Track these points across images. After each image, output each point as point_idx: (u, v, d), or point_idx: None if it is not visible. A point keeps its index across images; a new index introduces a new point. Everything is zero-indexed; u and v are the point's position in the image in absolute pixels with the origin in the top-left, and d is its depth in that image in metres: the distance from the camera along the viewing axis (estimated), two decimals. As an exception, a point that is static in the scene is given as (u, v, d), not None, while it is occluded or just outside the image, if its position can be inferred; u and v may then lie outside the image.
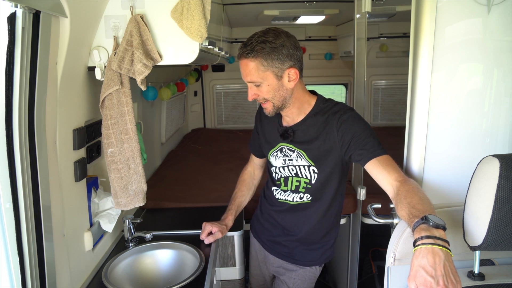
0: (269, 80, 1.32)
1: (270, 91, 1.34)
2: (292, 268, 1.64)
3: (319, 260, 1.61)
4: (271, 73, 1.31)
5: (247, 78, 1.33)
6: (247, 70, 1.31)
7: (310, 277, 1.64)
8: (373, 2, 1.96)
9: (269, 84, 1.33)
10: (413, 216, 1.00)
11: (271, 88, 1.33)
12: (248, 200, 1.79)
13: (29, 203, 1.02)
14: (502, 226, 1.02)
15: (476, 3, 1.26)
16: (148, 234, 1.64)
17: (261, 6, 2.86)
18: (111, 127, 1.39)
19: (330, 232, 1.59)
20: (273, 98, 1.36)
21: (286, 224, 1.59)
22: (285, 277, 1.67)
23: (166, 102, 3.04)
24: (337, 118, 1.38)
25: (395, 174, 1.21)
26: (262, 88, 1.34)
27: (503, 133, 1.35)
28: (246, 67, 1.31)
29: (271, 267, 1.72)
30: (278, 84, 1.33)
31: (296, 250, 1.60)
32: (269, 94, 1.34)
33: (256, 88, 1.34)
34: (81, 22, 1.24)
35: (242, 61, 1.32)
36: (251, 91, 1.36)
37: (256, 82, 1.32)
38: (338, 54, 4.07)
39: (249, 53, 1.29)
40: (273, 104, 1.37)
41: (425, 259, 0.87)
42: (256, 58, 1.29)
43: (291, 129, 1.47)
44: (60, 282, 1.19)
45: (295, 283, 1.64)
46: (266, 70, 1.30)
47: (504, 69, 1.31)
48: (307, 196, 1.50)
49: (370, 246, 2.91)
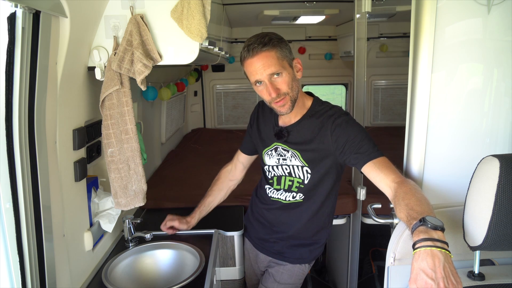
0: (288, 68, 1.34)
1: (290, 81, 1.34)
2: (282, 263, 1.65)
3: (308, 258, 1.63)
4: (287, 62, 1.34)
5: (268, 69, 1.30)
6: (268, 61, 1.30)
7: (298, 273, 1.65)
8: (373, 2, 1.96)
9: (289, 73, 1.34)
10: (411, 218, 1.00)
11: (290, 78, 1.35)
12: (219, 200, 1.78)
13: (29, 203, 1.02)
14: (502, 226, 1.02)
15: (476, 3, 1.26)
16: (148, 234, 1.64)
17: (261, 6, 2.86)
18: (111, 127, 1.39)
19: (321, 231, 1.60)
20: (292, 89, 1.35)
21: (275, 221, 1.60)
22: (273, 270, 1.67)
23: (166, 102, 3.04)
24: (331, 122, 1.38)
25: (392, 176, 1.21)
26: (283, 79, 1.33)
27: (503, 133, 1.35)
28: (266, 59, 1.30)
29: (262, 265, 1.74)
30: (293, 73, 1.36)
31: (285, 247, 1.61)
32: (289, 84, 1.34)
33: (276, 81, 1.33)
34: (81, 22, 1.24)
35: (259, 55, 1.30)
36: (272, 86, 1.32)
37: (278, 71, 1.31)
38: (338, 54, 4.08)
39: (265, 45, 1.30)
40: (290, 98, 1.36)
41: (425, 261, 0.87)
42: (273, 47, 1.31)
43: (286, 130, 1.47)
44: (60, 282, 1.19)
45: (282, 277, 1.65)
46: (284, 58, 1.33)
47: (504, 69, 1.31)
48: (300, 196, 1.51)
49: (370, 246, 2.91)
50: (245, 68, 1.37)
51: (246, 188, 2.26)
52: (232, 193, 2.12)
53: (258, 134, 1.60)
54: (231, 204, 2.12)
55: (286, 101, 1.36)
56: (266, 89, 1.34)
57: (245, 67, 1.36)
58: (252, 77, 1.35)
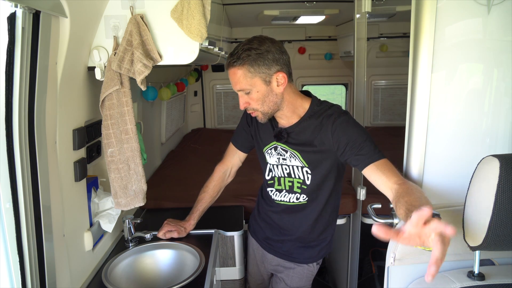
0: (258, 86, 1.32)
1: (260, 98, 1.34)
2: (290, 266, 1.65)
3: (317, 257, 1.63)
4: (259, 79, 1.31)
5: (236, 86, 1.34)
6: (236, 79, 1.32)
7: (307, 275, 1.66)
8: (373, 2, 1.96)
9: (258, 91, 1.33)
10: (409, 212, 1.00)
11: (261, 95, 1.34)
12: (211, 203, 1.75)
13: (29, 203, 1.02)
14: (502, 226, 1.02)
15: (476, 3, 1.26)
16: (148, 234, 1.64)
17: (261, 6, 2.86)
18: (111, 127, 1.39)
19: (327, 230, 1.60)
20: (262, 106, 1.36)
21: (283, 224, 1.60)
22: (283, 274, 1.68)
23: (166, 102, 3.04)
24: (331, 122, 1.38)
25: (394, 178, 1.21)
26: (252, 95, 1.34)
27: (503, 133, 1.35)
28: (234, 76, 1.32)
29: (269, 266, 1.73)
30: (267, 89, 1.34)
31: (293, 248, 1.61)
32: (258, 101, 1.35)
33: (246, 96, 1.35)
34: (81, 22, 1.24)
35: (230, 70, 1.33)
36: (242, 99, 1.37)
37: (246, 89, 1.33)
38: (338, 54, 4.07)
39: (235, 62, 1.30)
40: (262, 112, 1.38)
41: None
42: (243, 65, 1.29)
43: (285, 131, 1.47)
44: (60, 282, 1.19)
45: (293, 280, 1.66)
46: (254, 76, 1.31)
47: (504, 69, 1.31)
48: (304, 197, 1.51)
49: (370, 246, 2.90)
50: None
51: (246, 188, 2.27)
52: (232, 193, 2.13)
53: (258, 133, 1.59)
54: (231, 204, 2.13)
55: (256, 114, 1.40)
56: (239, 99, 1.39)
57: None
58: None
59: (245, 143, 1.70)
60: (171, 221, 1.72)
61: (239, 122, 1.71)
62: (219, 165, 1.75)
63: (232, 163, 1.74)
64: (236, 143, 1.73)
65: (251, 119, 1.63)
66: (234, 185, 1.84)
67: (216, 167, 1.75)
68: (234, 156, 1.73)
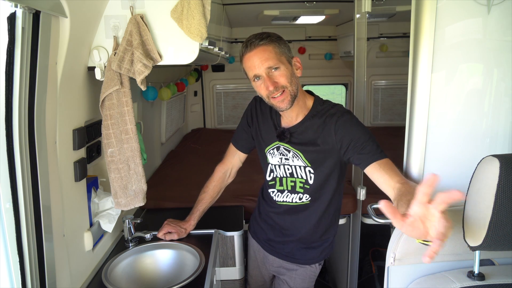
0: (285, 63, 1.34)
1: (288, 75, 1.34)
2: (293, 268, 1.64)
3: (319, 257, 1.62)
4: (285, 58, 1.35)
5: (266, 63, 1.31)
6: (266, 55, 1.31)
7: (310, 276, 1.65)
8: (373, 2, 1.96)
9: (286, 68, 1.34)
10: None
11: (289, 72, 1.34)
12: (213, 202, 1.75)
13: (29, 203, 1.02)
14: (502, 226, 1.02)
15: (476, 3, 1.26)
16: (148, 234, 1.64)
17: (261, 6, 2.86)
18: (111, 127, 1.39)
19: (329, 230, 1.59)
20: (291, 84, 1.34)
21: (285, 225, 1.59)
22: (285, 276, 1.67)
23: (166, 102, 3.04)
24: (334, 121, 1.37)
25: (396, 178, 1.21)
26: (280, 72, 1.33)
27: (503, 133, 1.35)
28: (264, 52, 1.31)
29: (270, 267, 1.72)
30: (291, 70, 1.36)
31: (296, 249, 1.60)
32: (288, 78, 1.34)
33: (274, 74, 1.33)
34: (81, 22, 1.24)
35: (257, 49, 1.32)
36: (270, 79, 1.32)
37: (276, 65, 1.32)
38: (338, 54, 4.07)
39: (262, 40, 1.32)
40: (290, 92, 1.34)
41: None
42: (271, 42, 1.33)
43: (288, 131, 1.46)
44: (60, 282, 1.19)
45: (296, 282, 1.65)
46: (282, 54, 1.34)
47: (504, 69, 1.31)
48: (306, 197, 1.50)
49: (370, 246, 2.91)
50: (243, 64, 1.37)
51: (246, 188, 2.27)
52: (232, 193, 2.13)
53: (259, 133, 1.59)
54: (231, 204, 2.13)
55: (285, 96, 1.34)
56: (264, 83, 1.33)
57: (243, 63, 1.37)
58: (250, 72, 1.35)
59: (245, 143, 1.69)
60: (171, 221, 1.72)
61: (239, 123, 1.70)
62: (219, 166, 1.75)
63: (233, 163, 1.74)
64: (236, 143, 1.72)
65: (251, 119, 1.62)
66: (234, 185, 1.84)
67: (216, 168, 1.75)
68: (234, 156, 1.73)
